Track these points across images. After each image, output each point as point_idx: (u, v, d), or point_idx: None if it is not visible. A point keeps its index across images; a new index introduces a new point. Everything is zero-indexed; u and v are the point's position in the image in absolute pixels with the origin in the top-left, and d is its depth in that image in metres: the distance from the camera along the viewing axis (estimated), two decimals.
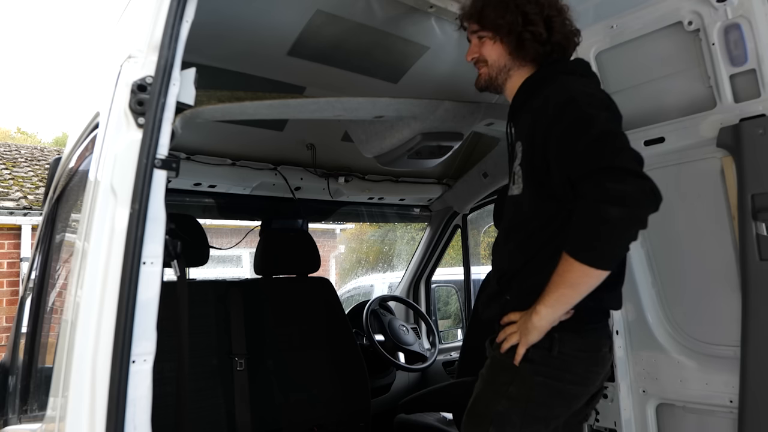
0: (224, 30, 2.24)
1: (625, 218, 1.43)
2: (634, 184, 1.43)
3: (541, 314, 1.59)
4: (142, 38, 1.25)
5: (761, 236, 1.78)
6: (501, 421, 1.67)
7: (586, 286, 1.54)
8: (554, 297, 1.57)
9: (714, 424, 1.99)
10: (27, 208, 7.68)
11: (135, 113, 1.22)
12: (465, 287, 4.33)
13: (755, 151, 1.80)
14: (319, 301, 3.20)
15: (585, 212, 1.47)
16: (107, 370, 1.13)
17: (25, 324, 2.37)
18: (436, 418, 3.36)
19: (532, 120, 1.67)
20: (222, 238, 4.84)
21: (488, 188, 3.75)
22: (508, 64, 1.82)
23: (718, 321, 1.97)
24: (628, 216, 1.43)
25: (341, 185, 3.53)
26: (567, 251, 1.51)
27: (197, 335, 2.70)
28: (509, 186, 1.81)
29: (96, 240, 1.21)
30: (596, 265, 1.49)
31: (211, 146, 3.00)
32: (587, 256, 1.48)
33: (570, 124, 1.55)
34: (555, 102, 1.62)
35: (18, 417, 2.20)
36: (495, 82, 1.85)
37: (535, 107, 1.68)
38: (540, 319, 1.60)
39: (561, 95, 1.63)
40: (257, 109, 2.04)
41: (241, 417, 2.73)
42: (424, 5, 2.25)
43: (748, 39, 1.80)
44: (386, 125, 2.42)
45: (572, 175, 1.52)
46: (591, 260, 1.49)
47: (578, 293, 1.55)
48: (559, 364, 1.67)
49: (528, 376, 1.66)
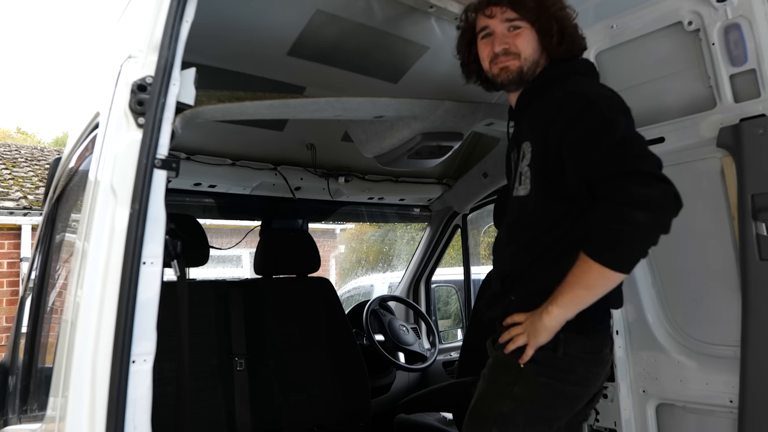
0: (224, 30, 2.24)
1: (650, 222, 1.42)
2: (659, 188, 1.42)
3: (552, 314, 1.58)
4: (142, 38, 1.25)
5: (761, 236, 1.78)
6: (504, 422, 1.66)
7: (603, 288, 1.53)
8: (568, 298, 1.55)
9: (714, 424, 1.99)
10: (27, 208, 7.68)
11: (135, 113, 1.22)
12: (465, 287, 4.33)
13: (755, 151, 1.79)
14: (319, 301, 3.20)
15: (608, 214, 1.46)
16: (107, 370, 1.13)
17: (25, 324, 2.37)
18: (436, 418, 3.36)
19: (544, 120, 1.63)
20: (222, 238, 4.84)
21: (488, 188, 3.75)
22: (539, 59, 1.75)
23: (718, 321, 1.97)
24: (652, 220, 1.42)
25: (341, 185, 3.53)
26: (587, 252, 1.49)
27: (197, 335, 2.70)
28: (513, 186, 1.77)
29: (96, 240, 1.21)
30: (616, 267, 1.48)
31: (211, 146, 3.00)
32: (608, 258, 1.47)
33: (590, 128, 1.53)
34: (572, 104, 1.60)
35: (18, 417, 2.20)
36: (524, 78, 1.75)
37: (546, 107, 1.65)
38: (551, 320, 1.58)
39: (578, 97, 1.61)
40: (257, 109, 2.03)
41: (241, 417, 2.73)
42: (424, 5, 2.25)
43: (748, 39, 1.80)
44: (386, 125, 2.42)
45: (592, 177, 1.50)
46: (611, 262, 1.47)
47: (593, 295, 1.55)
48: (563, 365, 1.66)
49: (532, 377, 1.65)
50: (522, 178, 1.71)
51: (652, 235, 1.45)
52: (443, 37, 2.52)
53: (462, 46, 1.90)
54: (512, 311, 1.72)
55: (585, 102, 1.59)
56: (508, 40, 1.73)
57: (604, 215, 1.47)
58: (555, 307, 1.57)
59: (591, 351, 1.71)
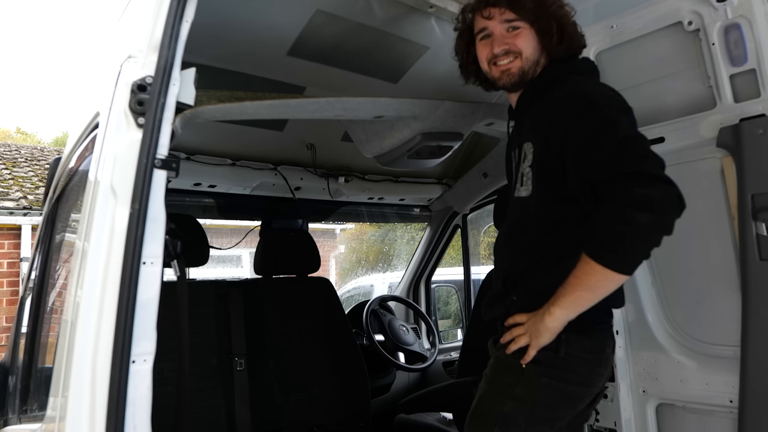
0: (224, 30, 2.24)
1: (653, 224, 1.42)
2: (662, 190, 1.42)
3: (554, 315, 1.57)
4: (142, 38, 1.25)
5: (761, 236, 1.78)
6: (506, 423, 1.66)
7: (605, 289, 1.53)
8: (570, 299, 1.55)
9: (714, 424, 1.99)
10: (27, 208, 7.68)
11: (135, 113, 1.22)
12: (465, 287, 4.33)
13: (755, 151, 1.79)
14: (319, 301, 3.20)
15: (610, 216, 1.45)
16: (107, 370, 1.13)
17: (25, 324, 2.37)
18: (436, 418, 3.36)
19: (546, 121, 1.63)
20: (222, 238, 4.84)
21: (488, 188, 3.75)
22: (539, 58, 1.74)
23: (718, 321, 1.97)
24: (655, 221, 1.42)
25: (341, 185, 3.53)
26: (588, 253, 1.48)
27: (197, 335, 2.70)
28: (514, 187, 1.77)
29: (96, 240, 1.21)
30: (618, 269, 1.47)
31: (211, 146, 3.00)
32: (610, 259, 1.47)
33: (591, 128, 1.52)
34: (573, 104, 1.59)
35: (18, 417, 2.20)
36: (525, 78, 1.74)
37: (547, 108, 1.64)
38: (553, 321, 1.58)
39: (579, 97, 1.60)
40: (257, 109, 2.03)
41: (241, 417, 2.73)
42: (424, 5, 2.25)
43: (748, 39, 1.80)
44: (386, 125, 2.42)
45: (595, 178, 1.49)
46: (613, 264, 1.47)
47: (596, 296, 1.54)
48: (565, 366, 1.66)
49: (534, 378, 1.65)
50: (523, 179, 1.70)
51: (655, 237, 1.45)
52: (443, 37, 2.52)
53: (460, 48, 1.89)
54: (514, 311, 1.71)
55: (586, 102, 1.58)
56: (508, 41, 1.73)
57: (607, 217, 1.46)
58: (557, 308, 1.57)
59: (593, 351, 1.71)
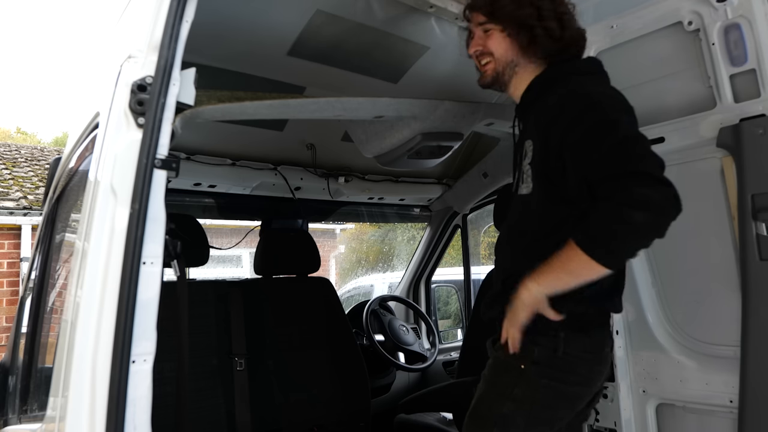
0: (224, 30, 2.24)
1: (648, 223, 1.42)
2: (660, 190, 1.42)
3: (531, 291, 1.58)
4: (142, 38, 1.25)
5: (761, 236, 1.78)
6: (505, 423, 1.66)
7: (586, 277, 1.53)
8: (550, 278, 1.56)
9: (714, 424, 1.99)
10: (27, 208, 7.68)
11: (135, 113, 1.22)
12: (465, 287, 4.33)
13: (755, 151, 1.79)
14: (319, 301, 3.20)
15: (606, 212, 1.45)
16: (107, 370, 1.13)
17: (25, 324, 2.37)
18: (436, 418, 3.36)
19: (546, 119, 1.63)
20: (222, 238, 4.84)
21: (488, 188, 3.74)
22: (515, 59, 1.77)
23: (718, 321, 1.97)
24: (652, 221, 1.42)
25: (341, 185, 3.53)
26: (579, 245, 1.48)
27: (197, 335, 2.70)
28: (516, 184, 1.78)
29: (96, 240, 1.21)
30: (604, 262, 1.48)
31: (211, 146, 3.00)
32: (599, 252, 1.47)
33: (591, 127, 1.53)
34: (573, 103, 1.59)
35: (18, 417, 2.20)
36: (501, 78, 1.80)
37: (548, 106, 1.65)
38: (529, 295, 1.58)
39: (580, 96, 1.61)
40: (257, 109, 2.03)
41: (241, 417, 2.74)
42: (424, 5, 2.25)
43: (748, 39, 1.80)
44: (386, 125, 2.42)
45: (592, 177, 1.49)
46: (600, 257, 1.47)
47: (575, 281, 1.55)
48: (564, 366, 1.66)
49: (533, 379, 1.65)
50: (524, 177, 1.71)
51: (648, 237, 1.45)
52: (443, 37, 2.52)
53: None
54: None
55: (587, 102, 1.59)
56: (481, 42, 1.79)
57: (603, 214, 1.46)
58: (534, 284, 1.58)
59: (591, 350, 1.71)
